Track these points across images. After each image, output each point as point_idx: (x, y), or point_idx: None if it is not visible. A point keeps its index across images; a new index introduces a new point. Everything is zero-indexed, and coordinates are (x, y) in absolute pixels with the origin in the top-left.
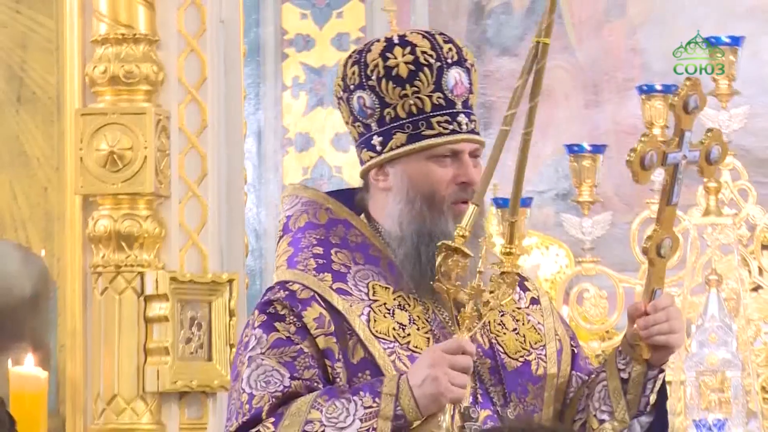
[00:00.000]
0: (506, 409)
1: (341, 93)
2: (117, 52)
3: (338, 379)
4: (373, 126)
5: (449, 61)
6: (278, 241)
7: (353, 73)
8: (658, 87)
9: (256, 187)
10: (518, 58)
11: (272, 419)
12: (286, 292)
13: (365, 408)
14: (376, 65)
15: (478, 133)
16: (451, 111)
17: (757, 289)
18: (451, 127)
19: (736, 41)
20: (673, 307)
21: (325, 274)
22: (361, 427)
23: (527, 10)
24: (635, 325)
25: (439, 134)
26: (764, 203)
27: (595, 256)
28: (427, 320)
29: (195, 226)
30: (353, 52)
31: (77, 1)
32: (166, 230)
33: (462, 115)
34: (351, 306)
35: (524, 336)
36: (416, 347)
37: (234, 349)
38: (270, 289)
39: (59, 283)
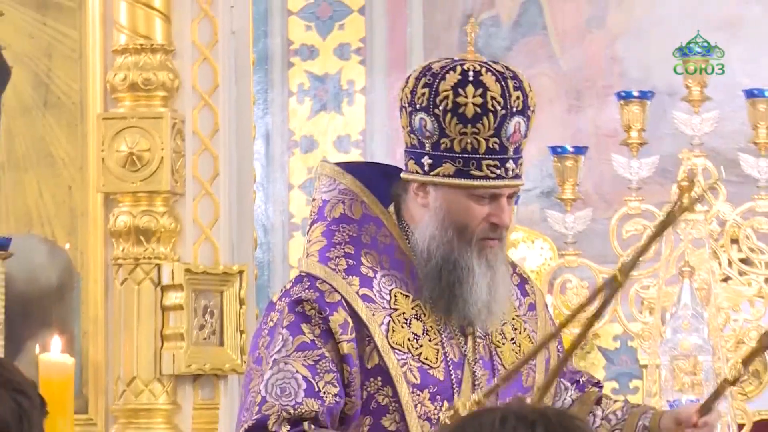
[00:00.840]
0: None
1: (407, 105)
2: (136, 61)
3: (353, 383)
4: (427, 147)
5: (514, 110)
6: (311, 224)
7: (423, 95)
8: (636, 93)
9: (264, 186)
10: None
11: None
12: (317, 294)
13: None
14: (446, 97)
15: (520, 177)
16: (502, 157)
17: (726, 279)
18: (498, 172)
19: (708, 51)
20: (713, 426)
21: (353, 277)
22: None
23: (514, 23)
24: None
25: (486, 177)
26: (733, 200)
27: (577, 249)
28: (438, 331)
29: (208, 221)
30: (428, 72)
31: (99, 14)
32: (181, 225)
33: (511, 161)
34: (373, 315)
35: (520, 346)
36: (426, 359)
37: (244, 336)
38: (300, 280)
39: (82, 275)
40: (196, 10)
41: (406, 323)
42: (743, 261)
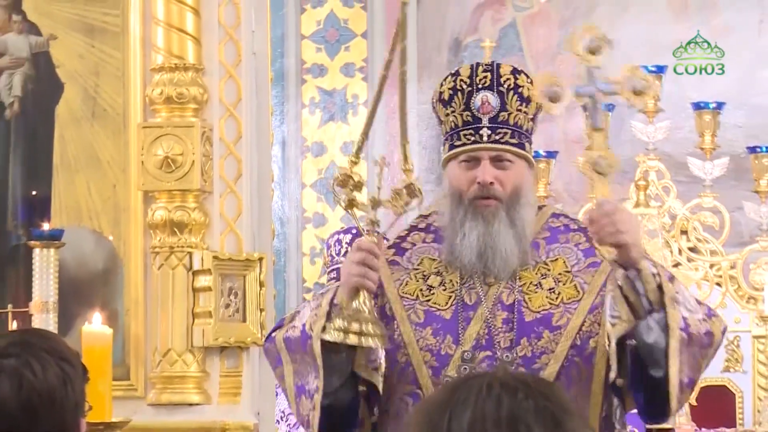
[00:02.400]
0: (513, 351)
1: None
2: (171, 78)
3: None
4: (442, 137)
5: (479, 86)
6: None
7: (432, 97)
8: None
9: (280, 185)
10: None
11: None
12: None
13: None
14: (435, 92)
15: (503, 143)
16: (476, 126)
17: (677, 265)
18: (473, 138)
19: (660, 69)
20: (617, 211)
21: (391, 249)
22: (310, 313)
23: (495, 45)
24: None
25: (463, 144)
26: (683, 197)
27: None
28: (458, 282)
29: (232, 215)
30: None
31: (139, 38)
32: (209, 219)
33: (485, 129)
34: (392, 274)
35: (559, 293)
36: (435, 303)
37: (263, 313)
38: None
39: (125, 261)
40: (222, 34)
41: (423, 278)
42: (691, 249)
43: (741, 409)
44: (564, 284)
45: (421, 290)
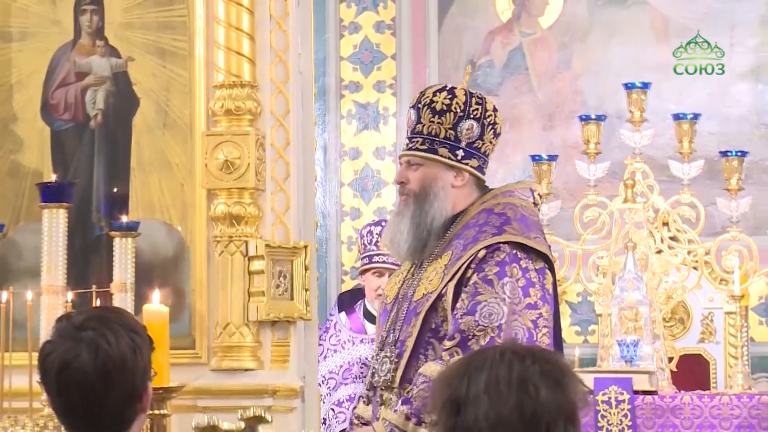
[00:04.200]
0: (390, 334)
1: None
2: (230, 93)
3: None
4: None
5: (411, 105)
6: None
7: None
8: (593, 116)
9: (323, 184)
10: (497, 97)
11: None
12: None
13: None
14: None
15: (414, 149)
16: (408, 137)
17: (659, 252)
18: (403, 147)
19: (645, 86)
20: None
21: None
22: None
23: (504, 66)
24: None
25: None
26: (665, 194)
27: (550, 230)
28: (408, 276)
29: (281, 210)
30: None
31: (203, 59)
32: (262, 213)
33: (407, 139)
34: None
35: (429, 285)
36: (387, 298)
37: (307, 292)
38: None
39: (191, 249)
40: (273, 56)
41: (396, 277)
42: (672, 238)
43: (714, 374)
44: (436, 276)
45: (389, 288)
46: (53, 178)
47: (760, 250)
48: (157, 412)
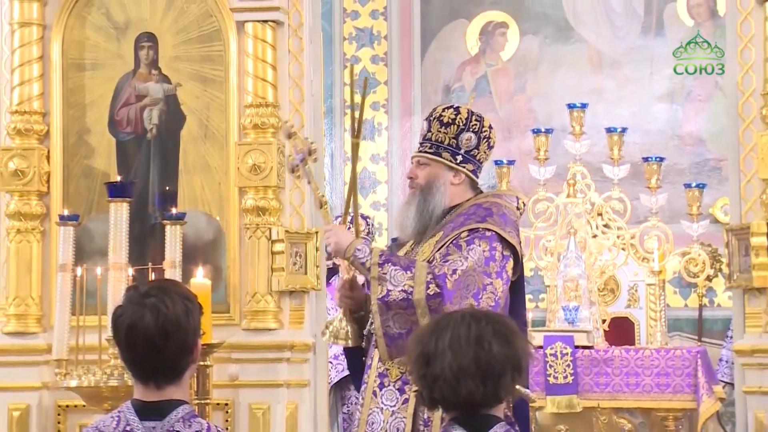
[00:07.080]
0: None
1: None
2: (257, 112)
3: None
4: None
5: (425, 118)
6: None
7: None
8: (543, 130)
9: (330, 183)
10: None
11: None
12: None
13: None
14: None
15: (423, 151)
16: (420, 142)
17: (595, 236)
18: (416, 150)
19: (584, 106)
20: (324, 232)
21: None
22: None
23: (472, 89)
24: None
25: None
26: (599, 191)
27: None
28: (408, 250)
29: (298, 203)
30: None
31: (236, 85)
32: (282, 206)
33: (419, 144)
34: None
35: (424, 254)
36: None
37: (318, 268)
38: None
39: (226, 234)
40: (291, 82)
41: (402, 250)
42: (605, 226)
43: (638, 333)
44: (428, 249)
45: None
46: (118, 178)
47: (674, 235)
48: (202, 363)
